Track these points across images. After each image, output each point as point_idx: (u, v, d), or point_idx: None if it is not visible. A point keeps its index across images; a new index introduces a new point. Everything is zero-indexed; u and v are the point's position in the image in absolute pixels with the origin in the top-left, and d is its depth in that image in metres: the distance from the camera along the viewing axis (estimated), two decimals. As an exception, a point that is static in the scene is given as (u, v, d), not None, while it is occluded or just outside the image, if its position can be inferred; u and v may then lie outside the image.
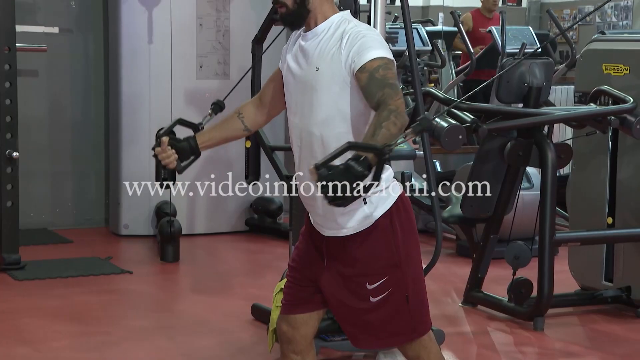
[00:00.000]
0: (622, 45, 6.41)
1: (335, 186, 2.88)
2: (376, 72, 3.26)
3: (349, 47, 3.34)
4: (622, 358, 5.41)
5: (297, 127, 3.53)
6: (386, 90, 3.21)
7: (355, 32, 3.37)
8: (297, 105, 3.52)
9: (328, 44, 3.40)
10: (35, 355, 5.24)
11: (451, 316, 6.07)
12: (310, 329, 3.66)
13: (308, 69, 3.44)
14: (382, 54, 3.30)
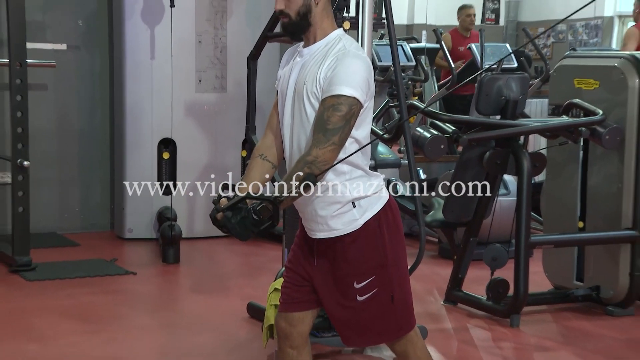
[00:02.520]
0: (592, 61, 6.44)
1: (234, 230, 3.22)
2: (326, 112, 3.27)
3: (326, 70, 3.34)
4: (592, 353, 5.42)
5: (289, 136, 3.53)
6: (319, 135, 3.26)
7: (340, 55, 3.36)
8: (289, 115, 3.51)
9: (317, 62, 3.40)
10: (45, 351, 5.23)
11: (433, 314, 6.07)
12: (306, 326, 3.67)
13: (299, 82, 3.44)
14: (344, 92, 3.27)
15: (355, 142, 3.40)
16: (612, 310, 6.12)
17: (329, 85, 3.29)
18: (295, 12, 3.41)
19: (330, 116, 3.25)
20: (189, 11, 8.00)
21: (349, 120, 3.28)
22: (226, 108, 8.05)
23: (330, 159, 3.25)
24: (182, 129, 8.02)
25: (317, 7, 3.41)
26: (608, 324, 5.97)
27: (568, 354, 5.41)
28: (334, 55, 3.36)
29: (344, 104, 3.27)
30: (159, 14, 7.91)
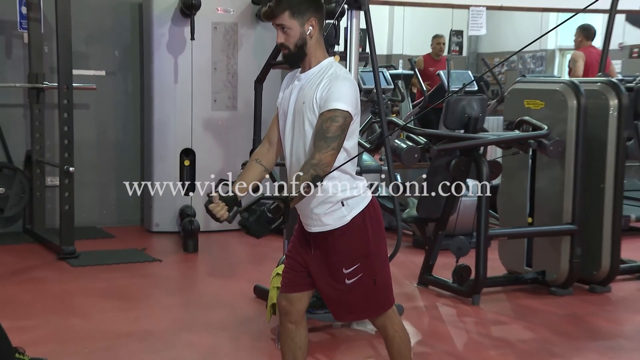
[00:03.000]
0: (538, 86, 6.48)
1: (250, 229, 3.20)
2: (325, 123, 3.29)
3: (322, 91, 3.36)
4: (538, 326, 5.42)
5: (289, 148, 3.53)
6: (321, 142, 3.27)
7: (333, 78, 3.38)
8: (290, 130, 3.52)
9: (313, 84, 3.41)
10: (86, 325, 5.23)
11: (409, 294, 6.07)
12: (303, 305, 3.67)
13: (298, 102, 3.45)
14: (338, 106, 3.30)
15: (344, 151, 3.41)
16: (555, 291, 6.14)
17: (325, 102, 3.31)
18: (293, 45, 3.43)
19: (329, 126, 3.28)
20: (206, 44, 8.00)
21: (344, 129, 3.31)
22: (237, 123, 8.04)
23: (331, 162, 3.27)
24: (200, 141, 8.02)
25: (311, 40, 3.43)
26: (551, 301, 5.98)
27: (519, 327, 5.40)
28: (327, 78, 3.38)
29: (340, 116, 3.29)
30: (181, 46, 7.92)
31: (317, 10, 3.46)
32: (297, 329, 3.66)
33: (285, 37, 3.43)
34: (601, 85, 6.22)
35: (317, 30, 3.45)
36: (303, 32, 3.42)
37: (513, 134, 6.09)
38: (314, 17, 3.44)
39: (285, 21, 3.42)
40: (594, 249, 6.18)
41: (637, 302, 6.11)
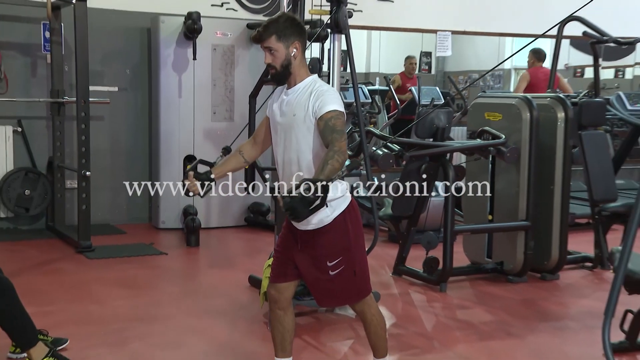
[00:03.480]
0: (497, 100, 6.49)
1: (295, 209, 3.04)
2: (329, 121, 3.32)
3: (314, 101, 3.38)
4: (497, 309, 5.43)
5: (281, 154, 3.54)
6: (334, 135, 3.28)
7: (320, 90, 3.42)
8: (282, 139, 3.53)
9: (302, 98, 3.43)
10: (102, 310, 5.20)
11: (385, 282, 6.06)
12: (290, 293, 3.66)
13: (289, 114, 3.46)
14: (335, 108, 3.35)
15: None
16: (511, 279, 6.16)
17: (320, 108, 3.35)
18: (279, 65, 3.45)
19: (335, 123, 3.32)
20: (206, 63, 7.98)
21: (344, 125, 3.38)
22: (233, 133, 7.98)
23: (346, 149, 3.31)
24: (201, 148, 7.97)
25: (295, 60, 3.46)
26: (509, 288, 5.99)
27: (481, 311, 5.41)
28: (315, 91, 3.41)
29: (339, 115, 3.36)
30: (184, 65, 7.90)
31: (300, 35, 3.48)
32: (285, 314, 3.65)
33: (272, 58, 3.45)
34: (550, 100, 6.25)
35: (300, 52, 3.47)
36: (288, 54, 3.44)
37: (475, 142, 6.09)
38: (298, 41, 3.46)
39: (272, 44, 3.43)
40: (544, 242, 6.20)
41: (581, 288, 6.13)
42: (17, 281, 4.02)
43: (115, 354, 4.34)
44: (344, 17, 5.00)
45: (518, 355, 4.51)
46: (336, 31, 5.05)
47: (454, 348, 4.61)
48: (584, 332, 4.97)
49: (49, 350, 3.99)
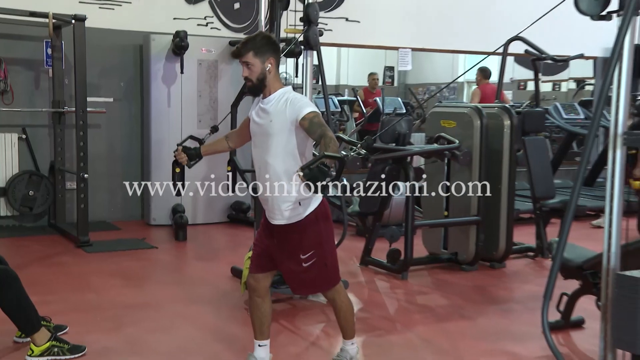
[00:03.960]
0: (452, 109, 6.52)
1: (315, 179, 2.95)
2: (314, 119, 3.32)
3: (292, 107, 3.38)
4: (452, 294, 5.46)
5: (258, 157, 3.54)
6: (322, 128, 3.29)
7: (294, 98, 3.43)
8: (259, 143, 3.53)
9: (278, 105, 3.42)
10: (99, 298, 5.17)
11: (353, 272, 6.07)
12: (268, 282, 3.66)
13: (266, 121, 3.46)
14: (313, 109, 3.36)
15: (303, 156, 3.44)
16: (464, 267, 6.18)
17: (299, 113, 3.34)
18: (255, 78, 3.45)
19: (318, 120, 3.33)
20: (193, 76, 7.94)
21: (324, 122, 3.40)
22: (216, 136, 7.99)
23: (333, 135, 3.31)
24: (189, 153, 7.96)
25: (270, 74, 3.46)
26: (462, 276, 6.01)
27: (437, 296, 5.43)
28: (290, 99, 3.41)
29: (318, 114, 3.36)
30: (173, 78, 7.87)
31: (275, 52, 3.48)
32: (263, 302, 3.64)
33: (249, 72, 3.45)
34: (498, 109, 6.29)
35: (274, 67, 3.47)
36: (263, 69, 3.44)
37: (432, 147, 6.11)
38: (272, 57, 3.46)
39: (249, 59, 3.43)
40: (493, 234, 6.23)
41: (525, 275, 6.16)
42: (22, 273, 4.00)
43: (111, 338, 4.31)
44: (315, 36, 5.01)
45: (470, 335, 4.53)
46: (308, 48, 5.05)
47: (414, 329, 4.62)
48: (527, 313, 5.00)
49: (51, 335, 3.97)
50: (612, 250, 2.86)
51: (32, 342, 3.92)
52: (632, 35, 2.73)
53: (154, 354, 4.09)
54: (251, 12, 8.63)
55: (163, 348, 4.18)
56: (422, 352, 4.22)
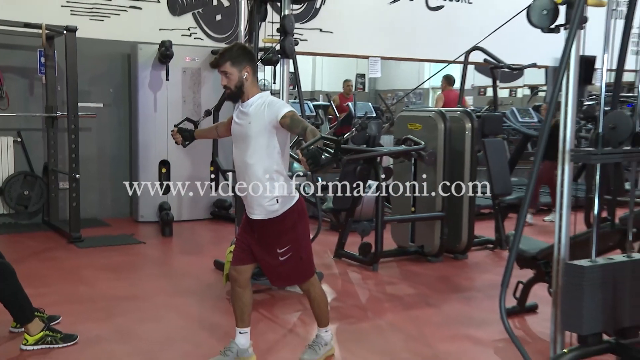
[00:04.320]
0: (418, 113, 6.53)
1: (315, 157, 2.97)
2: (293, 116, 3.34)
3: (270, 109, 3.38)
4: (418, 284, 5.48)
5: (238, 157, 3.55)
6: (303, 123, 3.31)
7: (272, 101, 3.44)
8: (238, 143, 3.54)
9: (257, 108, 3.43)
10: (90, 290, 5.13)
11: (327, 264, 6.07)
12: (248, 274, 3.66)
13: (245, 122, 3.47)
14: (291, 109, 3.37)
15: (280, 154, 3.46)
16: (430, 259, 6.21)
17: (279, 112, 3.35)
18: (234, 86, 3.47)
19: (297, 117, 3.33)
20: (177, 83, 7.90)
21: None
22: (200, 142, 7.86)
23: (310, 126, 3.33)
24: (174, 154, 7.91)
25: (247, 82, 3.48)
26: (428, 267, 6.04)
27: (405, 286, 5.45)
28: (268, 103, 3.42)
29: (295, 112, 3.37)
30: (159, 85, 7.82)
31: (251, 61, 3.49)
32: (244, 292, 3.64)
33: (228, 81, 3.46)
34: (460, 114, 6.32)
35: (251, 75, 3.48)
36: (240, 77, 3.44)
37: (400, 148, 6.13)
38: (249, 66, 3.47)
39: (227, 69, 3.44)
40: (456, 228, 6.27)
41: (485, 265, 6.21)
42: (18, 267, 3.96)
43: (101, 328, 4.28)
44: (291, 45, 5.01)
45: (435, 321, 4.56)
46: (285, 56, 5.05)
47: (383, 317, 4.64)
48: (487, 300, 5.05)
49: (44, 325, 3.95)
50: (562, 242, 2.91)
51: (26, 332, 3.89)
52: (577, 47, 2.78)
53: (143, 342, 4.07)
54: (232, 23, 8.61)
55: (151, 337, 4.17)
56: (391, 337, 4.24)
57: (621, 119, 2.80)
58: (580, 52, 2.79)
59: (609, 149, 2.81)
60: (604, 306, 2.77)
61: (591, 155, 2.77)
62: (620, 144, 2.80)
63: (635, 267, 2.84)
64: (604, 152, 2.79)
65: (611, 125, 2.82)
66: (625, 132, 2.79)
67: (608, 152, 2.80)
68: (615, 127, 2.82)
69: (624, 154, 2.84)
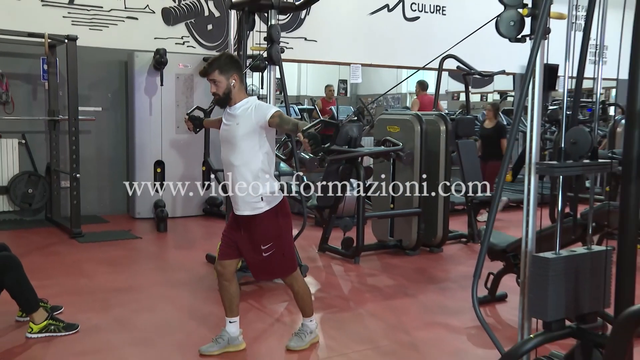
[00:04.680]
0: (396, 116, 6.53)
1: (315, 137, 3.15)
2: (281, 115, 3.37)
3: (257, 111, 3.39)
4: (397, 275, 5.50)
5: (225, 157, 3.54)
6: (292, 120, 3.36)
7: (259, 104, 3.46)
8: (225, 145, 3.53)
9: (245, 112, 3.43)
10: (90, 283, 5.11)
11: (312, 257, 6.08)
12: (233, 268, 3.65)
13: (233, 124, 3.47)
14: (274, 110, 3.38)
15: (268, 152, 3.45)
16: (408, 252, 6.23)
17: (266, 113, 3.36)
18: (222, 92, 3.47)
19: (285, 116, 3.36)
20: (171, 88, 7.88)
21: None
22: (193, 143, 7.94)
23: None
24: (168, 155, 7.90)
25: (234, 89, 3.47)
26: (406, 260, 6.06)
27: (385, 277, 5.47)
28: (255, 106, 3.43)
29: (282, 112, 3.40)
30: (154, 90, 7.80)
31: (238, 69, 3.49)
32: (230, 284, 3.64)
33: (216, 88, 3.46)
34: (435, 117, 6.34)
35: (238, 82, 3.48)
36: (228, 84, 3.44)
37: (380, 149, 6.15)
38: (236, 74, 3.47)
39: (216, 77, 3.44)
40: (432, 224, 6.29)
41: (459, 258, 6.24)
42: (23, 261, 3.94)
43: (101, 317, 4.27)
44: (277, 53, 5.01)
45: (412, 310, 4.58)
46: (272, 63, 5.05)
47: (364, 306, 4.65)
48: (460, 290, 5.08)
49: (48, 314, 3.95)
50: (529, 236, 2.93)
51: (31, 321, 3.89)
52: (542, 56, 2.80)
53: (139, 331, 4.06)
54: (222, 33, 8.59)
55: (147, 325, 4.16)
56: (372, 325, 4.25)
57: (581, 135, 2.84)
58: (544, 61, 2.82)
59: (571, 162, 2.85)
60: (567, 294, 2.79)
61: (554, 169, 2.82)
62: (581, 157, 2.85)
63: (595, 258, 2.87)
64: (566, 165, 2.84)
65: (572, 141, 2.86)
66: (585, 147, 2.84)
67: (569, 166, 2.85)
68: (576, 142, 2.86)
69: (583, 167, 2.88)
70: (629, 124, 2.71)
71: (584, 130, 2.85)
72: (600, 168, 2.89)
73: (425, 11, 10.33)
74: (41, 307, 3.94)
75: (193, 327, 4.14)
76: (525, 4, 2.83)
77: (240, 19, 5.21)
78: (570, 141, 2.86)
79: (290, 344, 3.72)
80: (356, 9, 9.76)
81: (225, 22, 8.56)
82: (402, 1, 10.13)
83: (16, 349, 3.73)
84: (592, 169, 2.89)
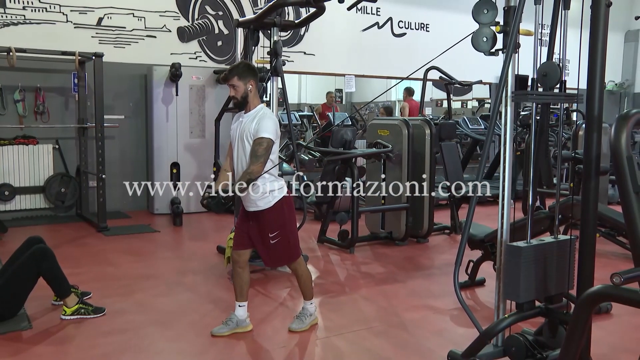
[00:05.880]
0: (386, 121, 6.51)
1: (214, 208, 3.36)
2: (255, 146, 3.33)
3: (258, 124, 3.37)
4: (388, 263, 5.49)
5: (236, 158, 3.53)
6: (253, 158, 3.31)
7: (263, 117, 3.40)
8: (237, 147, 3.52)
9: (254, 119, 3.42)
10: (116, 271, 5.11)
11: (312, 248, 6.08)
12: (247, 257, 3.66)
13: (242, 132, 3.45)
14: (264, 135, 3.33)
15: (271, 161, 3.42)
16: (397, 243, 6.22)
17: (256, 132, 3.33)
18: (240, 96, 3.45)
19: (258, 149, 3.29)
20: (185, 97, 7.86)
21: (268, 150, 3.32)
22: (205, 146, 7.94)
23: (260, 170, 3.28)
24: (183, 157, 7.88)
25: (251, 94, 3.46)
26: (396, 249, 6.06)
27: (377, 265, 5.46)
28: (259, 117, 3.39)
29: (265, 142, 3.31)
30: (170, 99, 7.79)
31: (254, 76, 3.48)
32: (243, 271, 3.65)
33: (235, 92, 3.45)
34: (421, 121, 6.33)
35: (254, 87, 3.47)
36: (245, 89, 3.43)
37: (372, 150, 6.15)
38: (252, 80, 3.46)
39: (235, 82, 3.43)
40: (419, 217, 6.29)
41: (442, 247, 6.23)
42: (57, 251, 3.97)
43: (124, 301, 4.27)
44: (280, 66, 5.01)
45: (402, 294, 4.58)
46: (275, 74, 5.05)
47: (359, 291, 4.65)
48: (444, 276, 5.08)
49: (79, 299, 3.97)
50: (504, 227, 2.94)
51: (64, 305, 3.91)
52: (513, 68, 2.81)
53: (158, 313, 4.06)
54: (230, 48, 8.59)
55: (165, 308, 4.16)
56: (365, 308, 4.25)
57: (551, 68, 2.93)
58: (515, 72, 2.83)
59: (542, 91, 2.93)
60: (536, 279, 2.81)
61: (528, 95, 2.87)
62: (551, 88, 2.93)
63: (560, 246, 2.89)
64: (538, 93, 2.89)
65: (543, 74, 2.94)
66: (554, 79, 2.92)
67: (542, 94, 2.93)
68: (546, 74, 2.93)
69: (553, 96, 2.97)
70: (588, 128, 2.72)
71: (554, 64, 2.92)
72: (567, 98, 2.94)
73: (411, 28, 10.34)
74: (72, 292, 3.96)
75: (206, 309, 4.14)
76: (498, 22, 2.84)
77: (246, 35, 5.21)
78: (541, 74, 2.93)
79: (292, 326, 3.73)
80: (350, 26, 9.77)
81: (233, 39, 8.56)
82: (391, 19, 10.14)
83: (52, 328, 3.76)
84: (559, 99, 2.95)
